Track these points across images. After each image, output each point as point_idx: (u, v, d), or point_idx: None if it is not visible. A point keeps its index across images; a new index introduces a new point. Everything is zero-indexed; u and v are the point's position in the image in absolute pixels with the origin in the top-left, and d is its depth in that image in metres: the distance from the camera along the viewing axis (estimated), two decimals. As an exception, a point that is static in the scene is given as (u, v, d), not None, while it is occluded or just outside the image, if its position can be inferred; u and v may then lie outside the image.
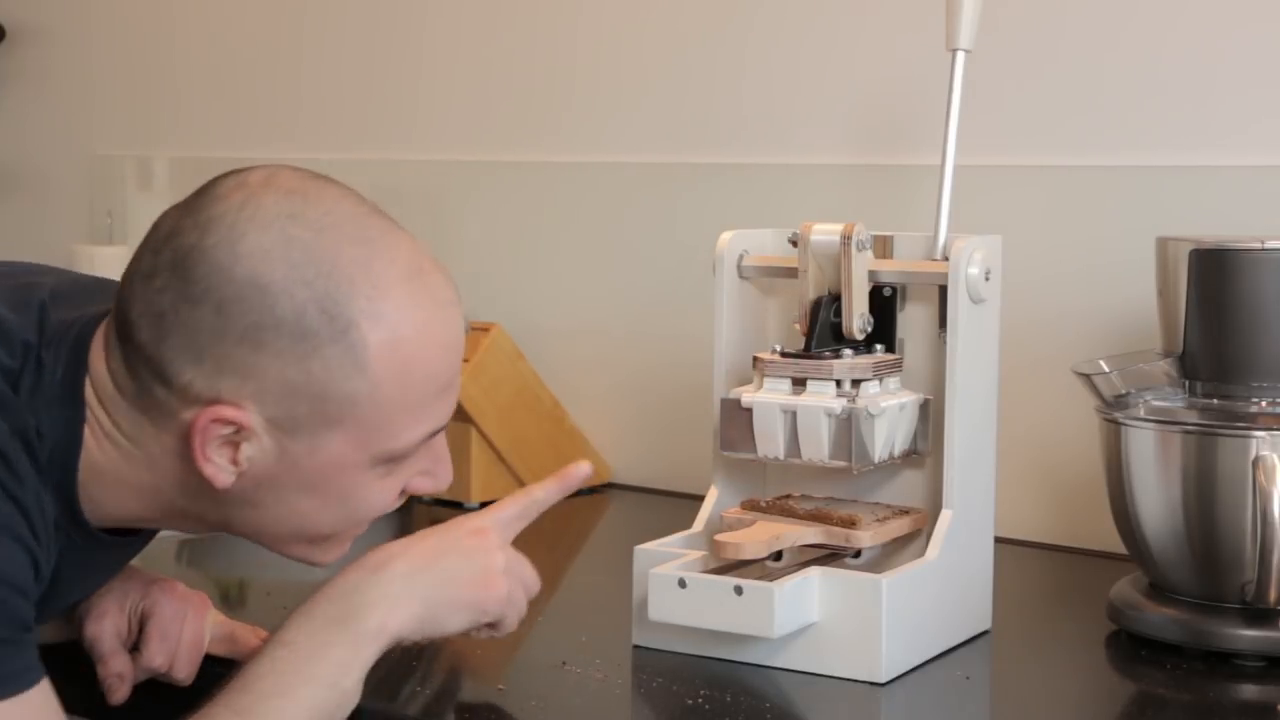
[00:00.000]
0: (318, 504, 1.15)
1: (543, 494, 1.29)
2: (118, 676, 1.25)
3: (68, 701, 1.24)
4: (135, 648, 1.28)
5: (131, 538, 1.22)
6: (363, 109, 2.29)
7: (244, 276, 1.07)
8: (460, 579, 1.19)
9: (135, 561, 1.41)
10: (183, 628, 1.27)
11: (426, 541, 1.21)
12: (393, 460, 1.15)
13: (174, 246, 1.10)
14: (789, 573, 1.30)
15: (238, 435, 1.09)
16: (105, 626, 1.27)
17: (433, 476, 1.20)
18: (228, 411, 1.08)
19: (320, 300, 1.08)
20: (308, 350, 1.08)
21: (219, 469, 1.11)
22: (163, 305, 1.09)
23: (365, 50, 2.30)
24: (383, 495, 1.17)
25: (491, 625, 1.22)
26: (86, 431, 1.13)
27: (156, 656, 1.26)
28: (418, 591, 1.17)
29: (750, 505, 1.39)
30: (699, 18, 1.97)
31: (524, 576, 1.24)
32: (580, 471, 1.29)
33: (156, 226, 1.13)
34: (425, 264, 1.14)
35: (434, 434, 1.17)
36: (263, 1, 2.41)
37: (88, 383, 1.13)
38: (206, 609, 1.30)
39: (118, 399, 1.12)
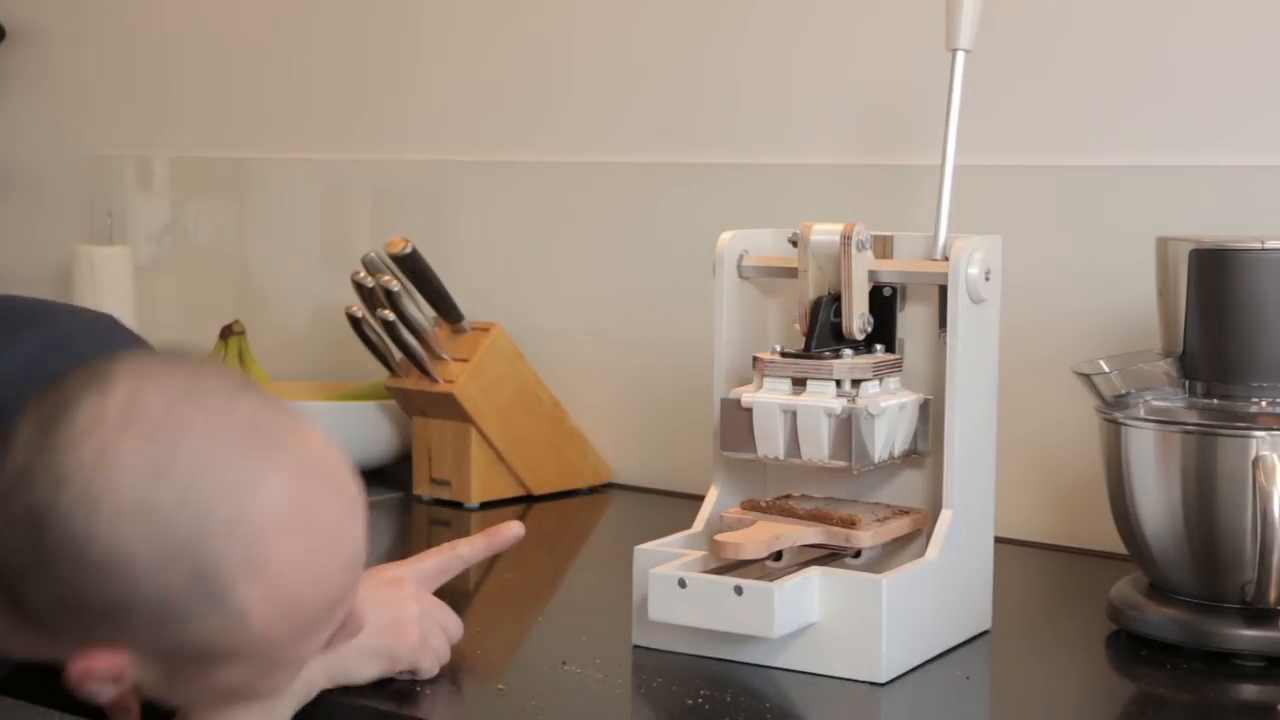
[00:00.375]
0: (216, 700, 1.11)
1: (468, 550, 1.31)
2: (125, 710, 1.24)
3: (59, 698, 1.24)
4: None
5: None
6: (361, 109, 2.29)
7: (101, 557, 0.98)
8: (371, 628, 1.18)
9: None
10: None
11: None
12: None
13: (25, 500, 0.99)
14: (789, 573, 1.30)
15: (115, 678, 1.04)
16: None
17: (347, 630, 1.13)
18: (103, 662, 1.02)
19: (190, 573, 0.99)
20: (181, 621, 1.01)
21: (104, 692, 1.05)
22: (20, 561, 1.00)
23: (362, 50, 2.30)
24: (305, 660, 1.11)
25: (411, 671, 1.24)
26: None
27: None
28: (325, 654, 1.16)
29: (750, 505, 1.39)
30: (699, 17, 1.97)
31: (443, 623, 1.26)
32: (511, 533, 1.31)
33: (12, 452, 1.01)
34: (312, 494, 1.04)
35: (337, 621, 1.10)
36: (260, 1, 2.41)
37: None
38: None
39: None
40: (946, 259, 1.37)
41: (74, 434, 1.00)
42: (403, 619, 1.23)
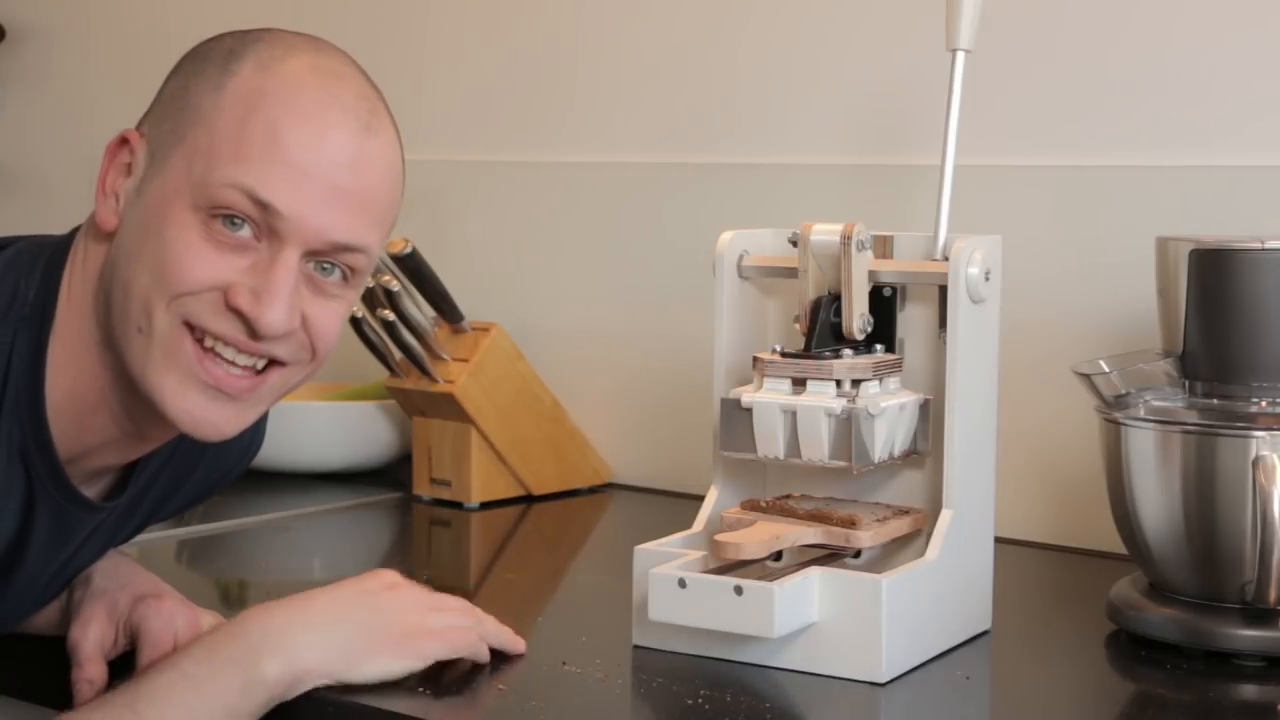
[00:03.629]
0: (145, 254, 1.16)
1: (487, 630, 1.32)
2: (88, 682, 1.25)
3: (59, 698, 1.25)
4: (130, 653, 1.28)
5: (100, 510, 1.22)
6: (362, 109, 2.29)
7: (208, 41, 1.24)
8: (374, 629, 1.23)
9: (135, 557, 1.41)
10: (173, 643, 1.26)
11: (344, 588, 1.24)
12: (210, 208, 1.14)
13: (178, 66, 1.24)
14: (789, 573, 1.30)
15: (129, 163, 1.20)
16: (89, 633, 1.26)
17: (257, 298, 1.15)
18: (130, 133, 1.22)
19: (239, 43, 1.21)
20: (196, 70, 1.20)
21: (107, 207, 1.19)
22: (161, 93, 1.24)
23: (365, 50, 2.28)
24: (195, 256, 1.15)
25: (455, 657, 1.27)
26: (61, 352, 1.15)
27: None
28: (327, 640, 1.20)
29: (750, 505, 1.39)
30: (700, 17, 1.97)
31: (454, 615, 1.28)
32: (518, 647, 1.32)
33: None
34: (345, 85, 1.22)
35: (260, 212, 1.15)
36: (262, 1, 2.41)
37: (64, 295, 1.17)
38: (197, 623, 1.28)
39: (90, 228, 1.20)
40: (946, 259, 1.37)
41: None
42: (414, 625, 1.24)
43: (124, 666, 1.27)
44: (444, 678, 1.26)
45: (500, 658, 1.31)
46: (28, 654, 1.33)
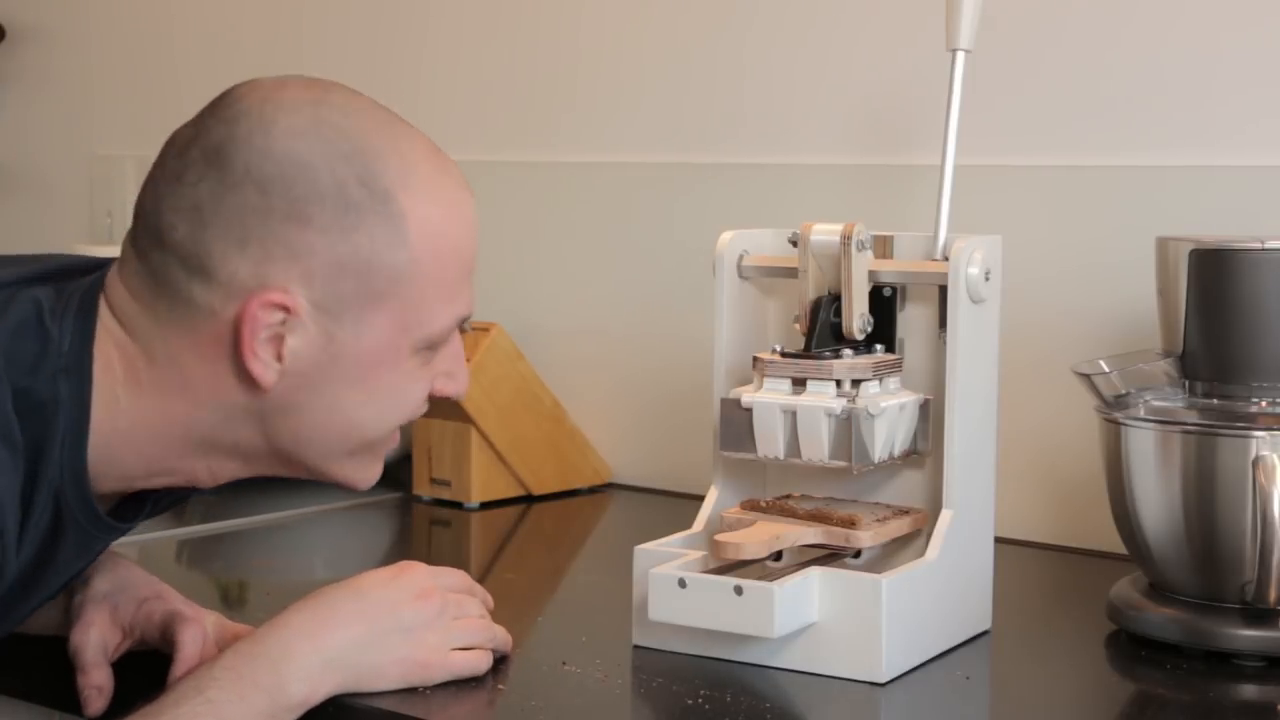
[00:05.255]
0: (361, 399, 1.15)
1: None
2: (96, 689, 1.24)
3: (59, 698, 1.25)
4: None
5: (122, 530, 1.22)
6: (363, 109, 2.29)
7: (282, 153, 1.10)
8: (401, 649, 1.22)
9: (135, 557, 1.41)
10: (180, 644, 1.26)
11: (368, 599, 1.22)
12: (429, 348, 1.16)
13: (202, 145, 1.12)
14: (789, 573, 1.30)
15: (284, 325, 1.10)
16: (91, 637, 1.25)
17: (454, 379, 1.20)
18: (276, 295, 1.09)
19: (359, 173, 1.11)
20: (352, 222, 1.10)
21: (265, 366, 1.10)
22: (199, 197, 1.10)
23: (366, 50, 2.30)
24: (419, 388, 1.17)
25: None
26: (98, 395, 1.12)
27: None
28: (348, 660, 1.19)
29: (750, 505, 1.39)
30: (700, 17, 1.97)
31: (468, 637, 1.27)
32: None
33: (173, 139, 1.16)
34: (441, 153, 1.18)
35: (460, 323, 1.19)
36: (263, 1, 2.41)
37: (100, 337, 1.13)
38: (202, 624, 1.28)
39: (146, 325, 1.12)
40: (946, 259, 1.37)
41: (236, 94, 1.15)
42: (429, 644, 1.23)
43: (127, 668, 1.27)
44: (446, 686, 1.26)
45: (499, 657, 1.31)
46: (28, 654, 1.32)
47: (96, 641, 1.26)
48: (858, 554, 1.35)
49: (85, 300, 1.14)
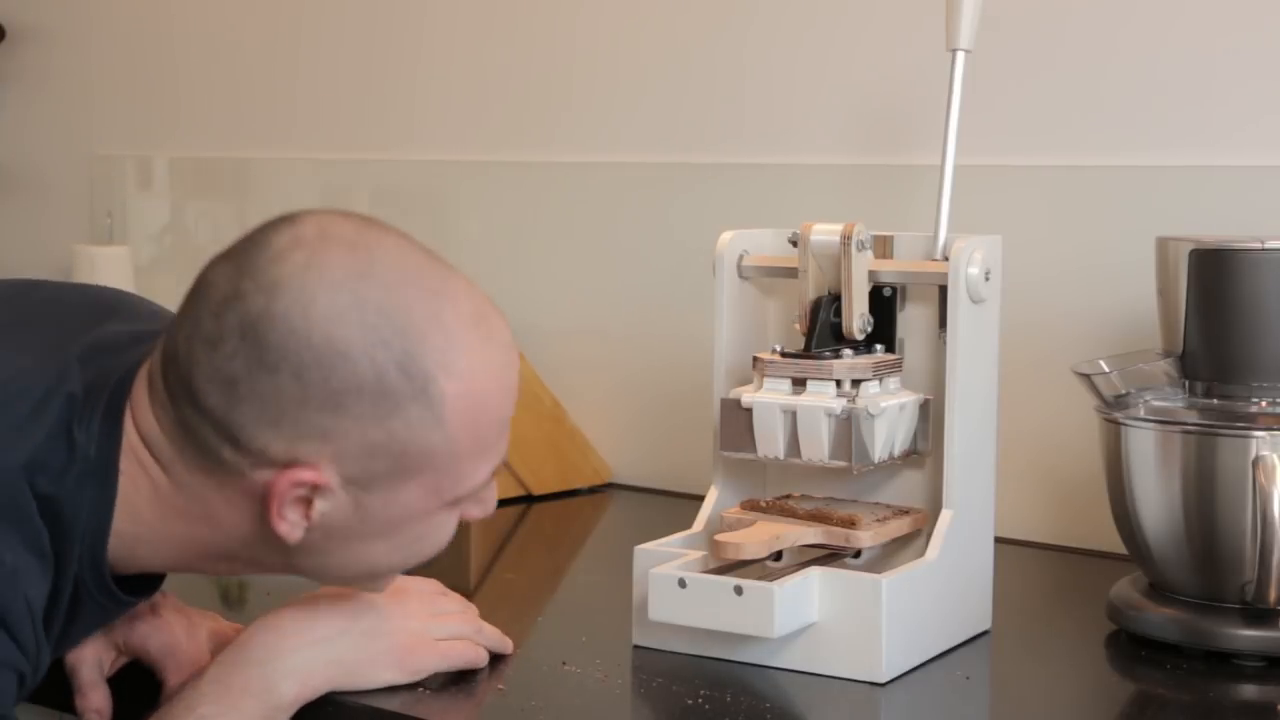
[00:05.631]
0: (388, 548, 1.15)
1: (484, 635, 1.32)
2: (96, 712, 1.24)
3: (56, 697, 1.24)
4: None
5: (138, 601, 1.22)
6: (362, 108, 2.30)
7: (321, 341, 1.06)
8: (382, 639, 1.23)
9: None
10: (185, 657, 1.26)
11: (346, 598, 1.23)
12: (460, 499, 1.15)
13: (239, 312, 1.07)
14: (789, 573, 1.30)
15: (313, 493, 1.09)
16: (86, 656, 1.26)
17: (483, 504, 1.19)
18: (307, 475, 1.08)
19: (399, 360, 1.07)
20: (389, 410, 1.07)
21: (292, 526, 1.10)
22: (234, 371, 1.07)
23: (364, 50, 2.30)
24: (448, 530, 1.17)
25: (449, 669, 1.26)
26: (120, 503, 1.12)
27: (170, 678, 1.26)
28: (334, 653, 1.20)
29: (750, 505, 1.39)
30: (699, 17, 1.97)
31: (456, 629, 1.28)
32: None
33: (210, 284, 1.10)
34: (487, 309, 1.14)
35: (495, 470, 1.18)
36: (261, 2, 2.41)
37: (125, 449, 1.12)
38: (200, 631, 1.28)
39: (172, 459, 1.11)
40: (946, 259, 1.36)
41: (277, 251, 1.09)
42: (413, 633, 1.24)
43: (123, 682, 1.27)
44: (444, 677, 1.26)
45: (499, 657, 1.31)
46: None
47: (91, 660, 1.26)
48: (858, 554, 1.35)
49: (113, 403, 1.13)
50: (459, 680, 1.27)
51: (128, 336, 1.19)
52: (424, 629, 1.25)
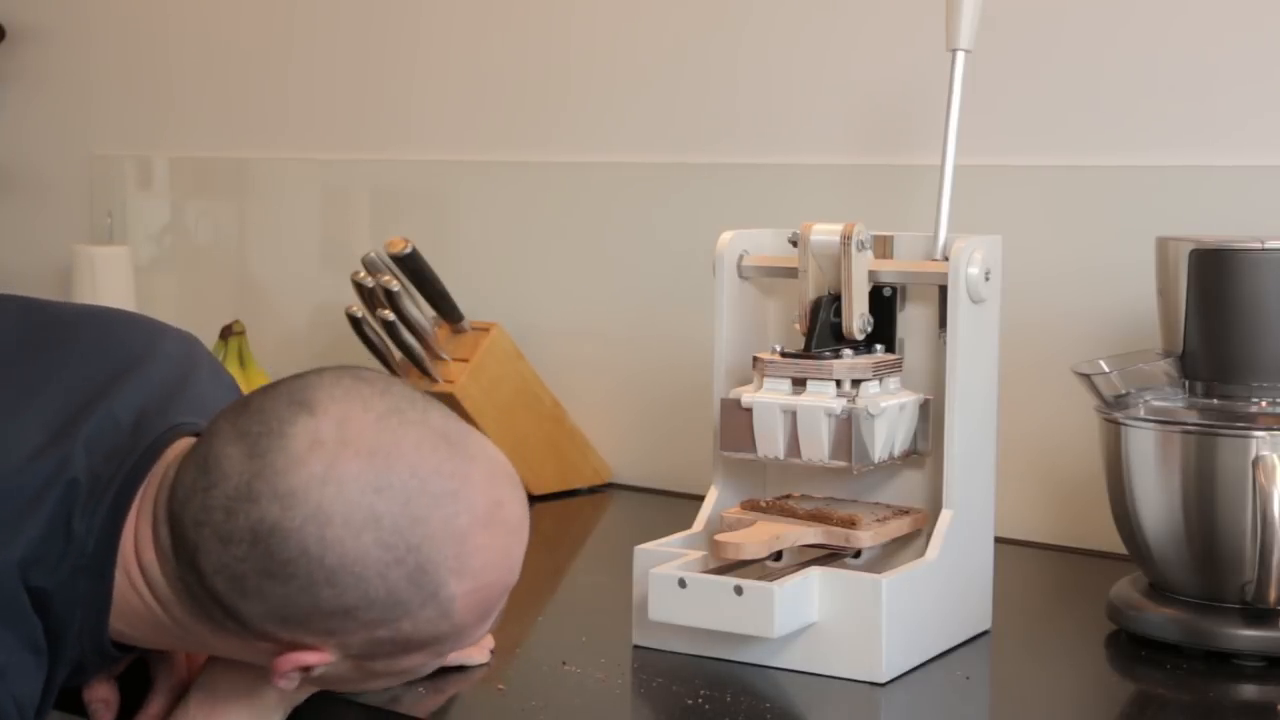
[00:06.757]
0: (385, 684, 1.19)
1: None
2: (103, 702, 1.24)
3: (66, 700, 1.24)
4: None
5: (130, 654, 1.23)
6: (361, 109, 2.29)
7: (335, 563, 1.06)
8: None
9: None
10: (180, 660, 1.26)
11: None
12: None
13: (252, 518, 1.06)
14: (789, 573, 1.30)
15: (316, 669, 1.11)
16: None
17: (478, 646, 1.27)
18: (311, 658, 1.10)
19: (412, 573, 1.07)
20: (399, 615, 1.08)
21: (289, 682, 1.12)
22: (243, 572, 1.07)
23: (363, 50, 2.30)
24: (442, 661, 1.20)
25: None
26: (116, 597, 1.12)
27: (157, 699, 1.25)
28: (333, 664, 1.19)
29: (750, 505, 1.39)
30: (699, 17, 1.97)
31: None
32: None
33: (220, 469, 1.08)
34: (502, 493, 1.14)
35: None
36: (260, 2, 2.41)
37: (121, 564, 1.12)
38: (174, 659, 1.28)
39: (170, 601, 1.12)
40: (946, 259, 1.37)
41: (295, 455, 1.06)
42: None
43: (125, 681, 1.27)
44: (443, 677, 1.26)
45: (499, 657, 1.31)
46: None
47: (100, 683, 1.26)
48: (858, 554, 1.35)
49: (118, 500, 1.12)
50: (459, 680, 1.27)
51: (138, 414, 1.17)
52: None
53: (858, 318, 1.37)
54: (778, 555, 1.34)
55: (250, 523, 1.06)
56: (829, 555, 1.36)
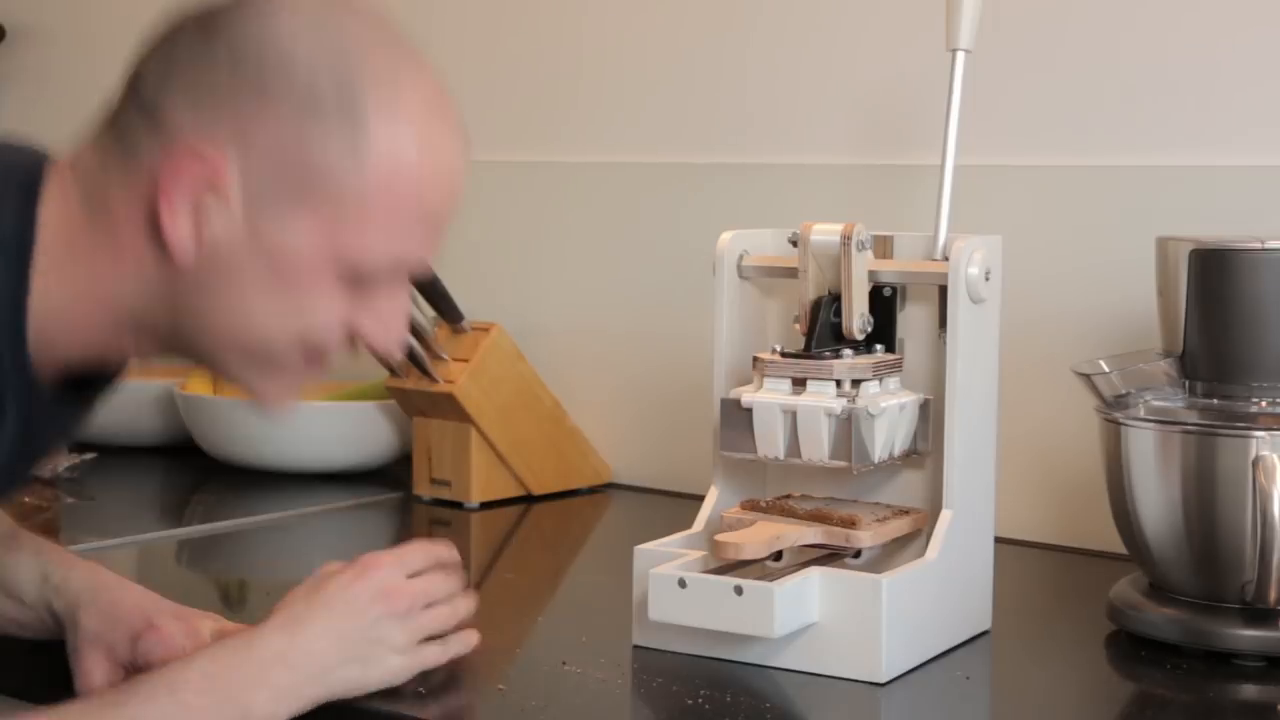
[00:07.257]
0: (269, 304, 1.10)
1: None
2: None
3: (57, 697, 1.24)
4: None
5: (77, 405, 1.19)
6: (362, 109, 2.29)
7: (269, 39, 1.07)
8: (370, 658, 1.21)
9: (134, 559, 1.41)
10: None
11: (335, 611, 1.21)
12: (355, 279, 1.10)
13: (200, 16, 1.09)
14: (789, 573, 1.30)
15: (209, 194, 1.06)
16: (96, 679, 1.26)
17: (384, 326, 1.14)
18: (206, 148, 1.06)
19: (340, 76, 1.07)
20: (310, 116, 1.06)
21: (181, 235, 1.07)
22: (176, 56, 1.09)
23: (365, 50, 2.29)
24: (333, 314, 1.11)
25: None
26: (34, 269, 1.09)
27: None
28: (324, 669, 1.19)
29: (750, 505, 1.39)
30: (700, 18, 1.97)
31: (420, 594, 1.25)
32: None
33: (181, 14, 1.11)
34: (445, 96, 1.14)
35: (401, 268, 1.13)
36: (262, 1, 2.41)
37: (42, 212, 1.10)
38: (197, 632, 1.27)
39: (94, 175, 1.11)
40: (946, 259, 1.37)
41: None
42: (397, 646, 1.23)
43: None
44: (443, 678, 1.26)
45: (499, 657, 1.31)
46: (28, 654, 1.33)
47: (100, 678, 1.26)
48: (858, 554, 1.35)
49: (28, 178, 1.13)
50: (458, 680, 1.27)
51: (29, 144, 1.19)
52: (410, 640, 1.23)
53: (858, 318, 1.37)
54: (778, 555, 1.34)
55: (198, 19, 1.09)
56: (829, 555, 1.36)
